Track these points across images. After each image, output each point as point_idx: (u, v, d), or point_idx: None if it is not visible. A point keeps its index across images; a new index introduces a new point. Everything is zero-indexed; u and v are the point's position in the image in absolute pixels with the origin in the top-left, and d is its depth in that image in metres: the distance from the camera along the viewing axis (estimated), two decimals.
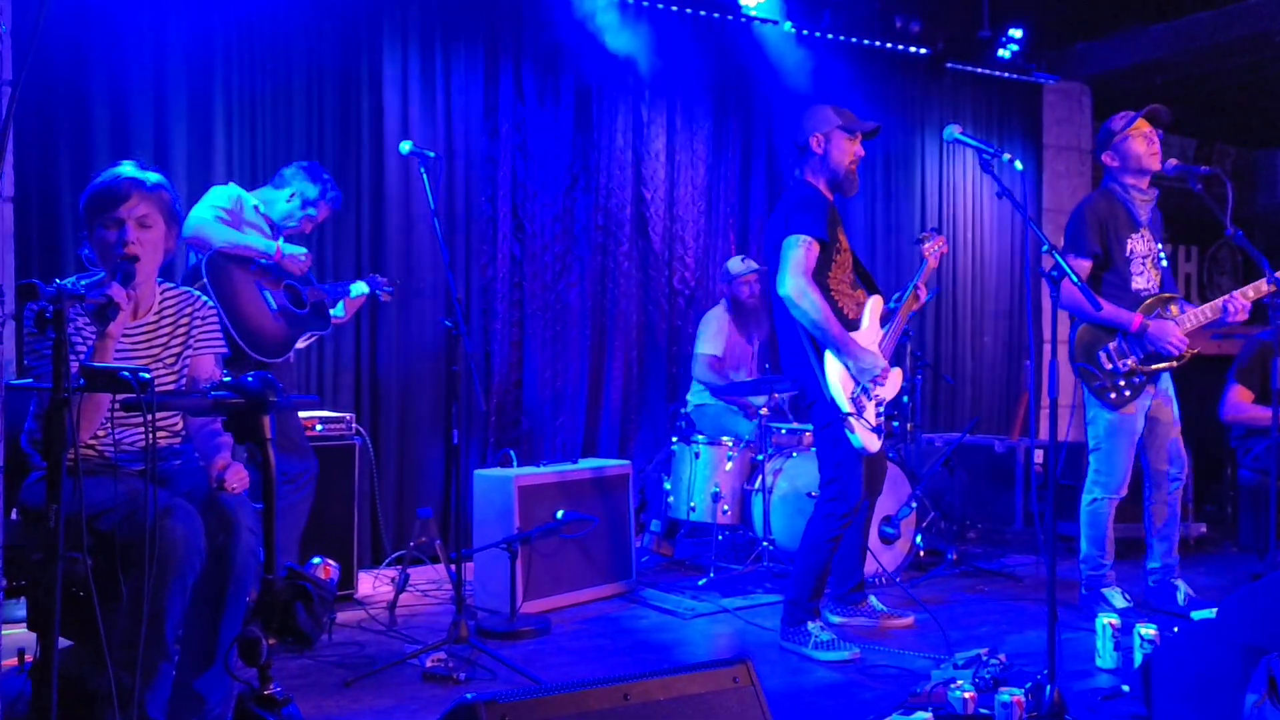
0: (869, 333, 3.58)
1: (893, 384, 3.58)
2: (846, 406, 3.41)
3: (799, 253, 3.40)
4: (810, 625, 3.53)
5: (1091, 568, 4.06)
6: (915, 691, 3.02)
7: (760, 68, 6.14)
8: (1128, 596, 4.05)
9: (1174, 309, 3.90)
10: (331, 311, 4.10)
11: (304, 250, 3.86)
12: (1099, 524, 4.03)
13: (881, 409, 3.55)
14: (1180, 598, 4.07)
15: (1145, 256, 3.96)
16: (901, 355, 5.24)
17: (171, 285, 2.79)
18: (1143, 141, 3.89)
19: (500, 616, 3.84)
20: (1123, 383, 3.89)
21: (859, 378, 3.44)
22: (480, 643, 3.40)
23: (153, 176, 2.62)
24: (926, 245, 3.92)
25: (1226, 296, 3.83)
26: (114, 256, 2.52)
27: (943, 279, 6.95)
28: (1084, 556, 4.08)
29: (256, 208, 3.87)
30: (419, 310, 5.09)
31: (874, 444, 3.49)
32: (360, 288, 4.18)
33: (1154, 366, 3.87)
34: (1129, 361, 3.88)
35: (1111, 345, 3.91)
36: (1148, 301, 3.91)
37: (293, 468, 3.75)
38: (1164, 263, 4.04)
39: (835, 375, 3.44)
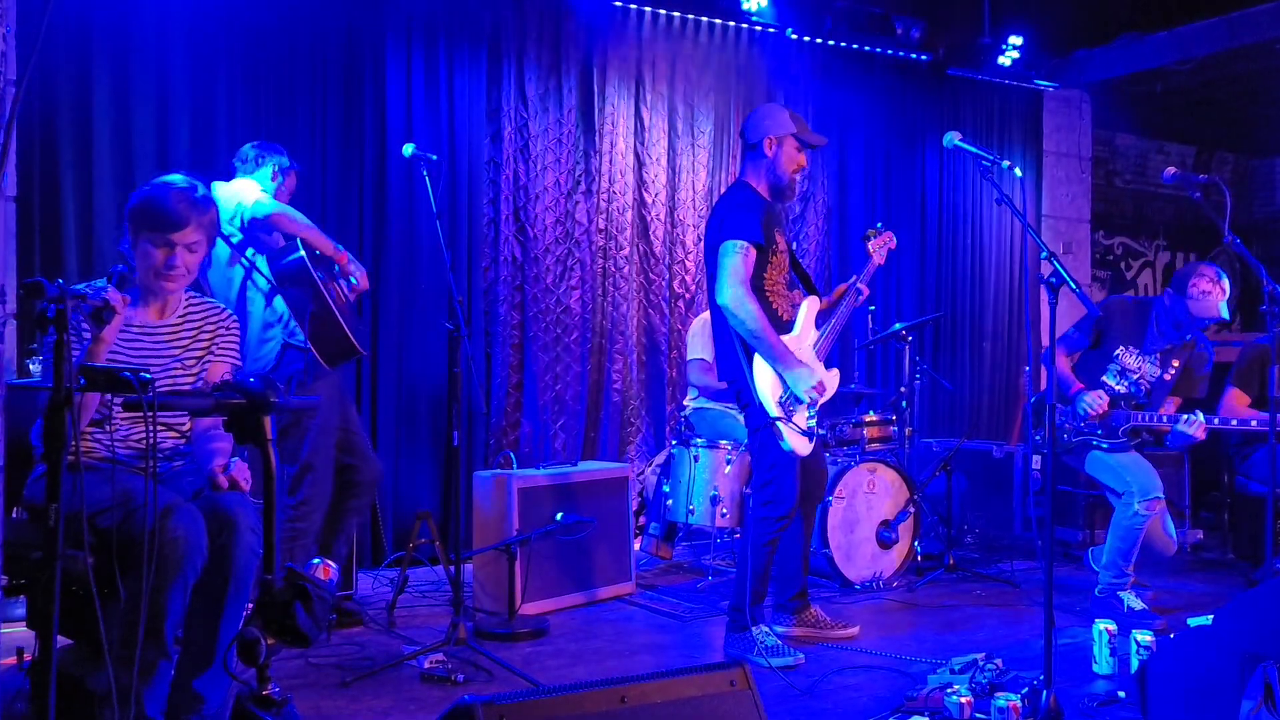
0: (803, 334, 3.57)
1: (828, 386, 3.55)
2: (774, 411, 3.42)
3: (736, 260, 3.39)
4: (755, 631, 3.49)
5: (1115, 575, 4.10)
6: (911, 696, 3.03)
7: (761, 73, 6.16)
8: (1143, 601, 4.08)
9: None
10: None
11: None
12: (1131, 538, 4.05)
13: (813, 412, 3.52)
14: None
15: (1132, 371, 4.20)
16: (900, 360, 5.25)
17: (198, 295, 2.84)
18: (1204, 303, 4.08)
19: (499, 618, 3.84)
20: (1068, 425, 4.18)
21: (795, 390, 3.43)
22: (478, 644, 3.41)
23: (203, 196, 2.68)
24: (873, 242, 3.92)
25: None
26: (157, 272, 2.59)
27: (942, 285, 6.96)
28: (1107, 563, 4.12)
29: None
30: (420, 312, 5.10)
31: (804, 447, 3.48)
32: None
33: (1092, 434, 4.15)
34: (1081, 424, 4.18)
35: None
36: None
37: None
38: (1165, 377, 4.21)
39: (764, 380, 3.44)
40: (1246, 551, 5.30)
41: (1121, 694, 3.10)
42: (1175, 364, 4.21)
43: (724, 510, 4.73)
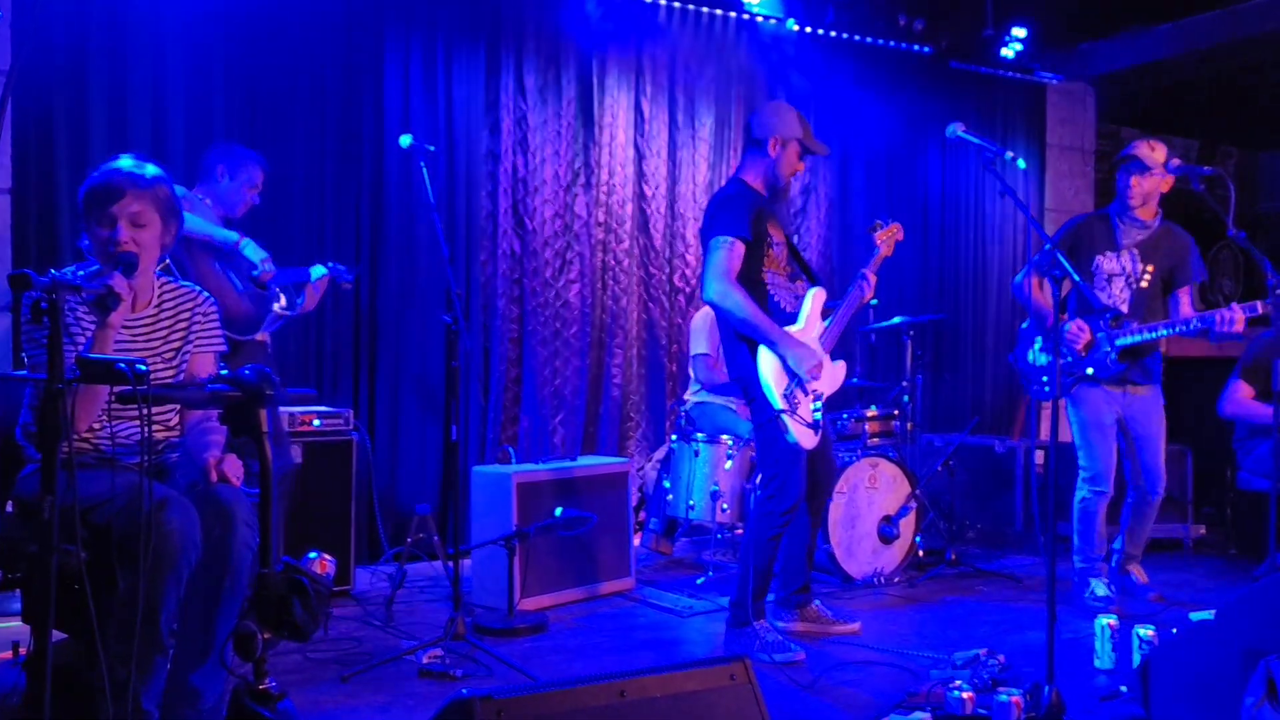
0: (808, 326, 3.54)
1: (833, 378, 3.54)
2: (779, 403, 3.40)
3: (720, 255, 3.40)
4: (756, 626, 3.47)
5: (1084, 559, 4.23)
6: (914, 691, 3.02)
7: (763, 65, 6.13)
8: (1111, 587, 4.19)
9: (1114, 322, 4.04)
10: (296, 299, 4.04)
11: (264, 254, 3.76)
12: (1088, 521, 4.20)
13: (818, 404, 3.50)
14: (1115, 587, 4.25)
15: (1116, 275, 4.12)
16: (902, 354, 5.23)
17: (171, 279, 2.78)
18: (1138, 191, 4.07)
19: (498, 614, 3.83)
20: (1045, 378, 4.15)
21: (796, 370, 3.42)
22: (477, 640, 3.40)
23: (150, 170, 2.59)
24: (879, 234, 3.89)
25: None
26: (108, 253, 2.51)
27: (944, 278, 6.93)
28: (1076, 549, 4.25)
29: (206, 202, 3.82)
30: (418, 306, 5.07)
31: (809, 440, 3.46)
32: (319, 270, 4.06)
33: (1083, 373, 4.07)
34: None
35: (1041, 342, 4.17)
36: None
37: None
38: (1143, 284, 4.11)
39: (768, 371, 3.43)
40: (1248, 547, 5.29)
41: (1123, 689, 3.08)
42: (1150, 269, 4.09)
43: (724, 505, 4.71)
